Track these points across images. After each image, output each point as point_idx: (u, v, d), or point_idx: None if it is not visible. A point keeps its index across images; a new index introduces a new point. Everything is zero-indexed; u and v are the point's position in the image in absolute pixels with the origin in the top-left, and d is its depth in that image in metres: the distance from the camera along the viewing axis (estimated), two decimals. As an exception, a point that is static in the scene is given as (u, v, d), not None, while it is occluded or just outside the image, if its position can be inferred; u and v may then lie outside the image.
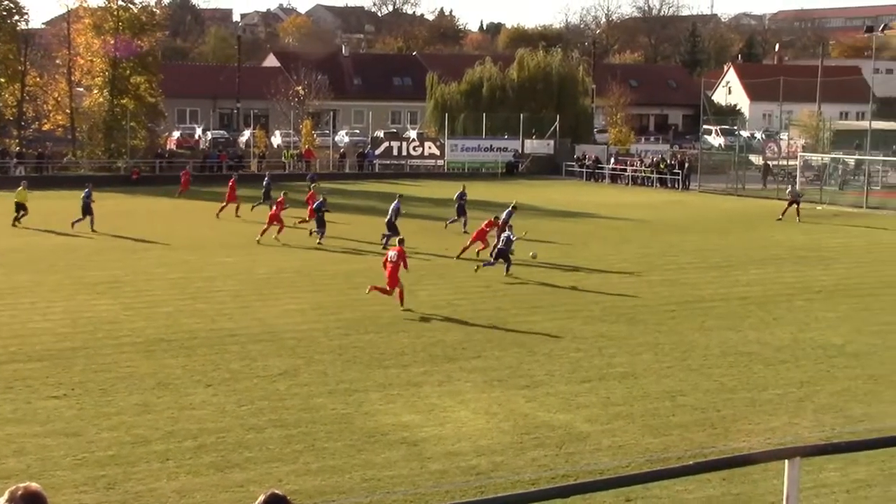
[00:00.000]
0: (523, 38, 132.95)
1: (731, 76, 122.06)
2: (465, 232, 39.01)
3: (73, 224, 39.38)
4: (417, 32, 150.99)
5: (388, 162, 74.71)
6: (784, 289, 28.77)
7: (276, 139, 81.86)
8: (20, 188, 41.75)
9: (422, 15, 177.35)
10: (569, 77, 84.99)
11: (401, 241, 27.23)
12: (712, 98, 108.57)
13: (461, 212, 40.99)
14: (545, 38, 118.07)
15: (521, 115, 76.86)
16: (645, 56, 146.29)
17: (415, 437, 15.60)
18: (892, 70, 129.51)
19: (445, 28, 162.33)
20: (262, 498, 6.23)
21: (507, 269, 30.11)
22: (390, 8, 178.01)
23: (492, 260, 30.78)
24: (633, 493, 12.86)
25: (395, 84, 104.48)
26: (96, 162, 68.99)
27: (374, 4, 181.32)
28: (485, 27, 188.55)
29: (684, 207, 52.13)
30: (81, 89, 72.90)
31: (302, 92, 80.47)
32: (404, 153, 75.95)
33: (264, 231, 37.47)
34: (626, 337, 22.55)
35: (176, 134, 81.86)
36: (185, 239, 38.09)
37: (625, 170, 70.77)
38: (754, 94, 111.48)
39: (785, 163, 70.37)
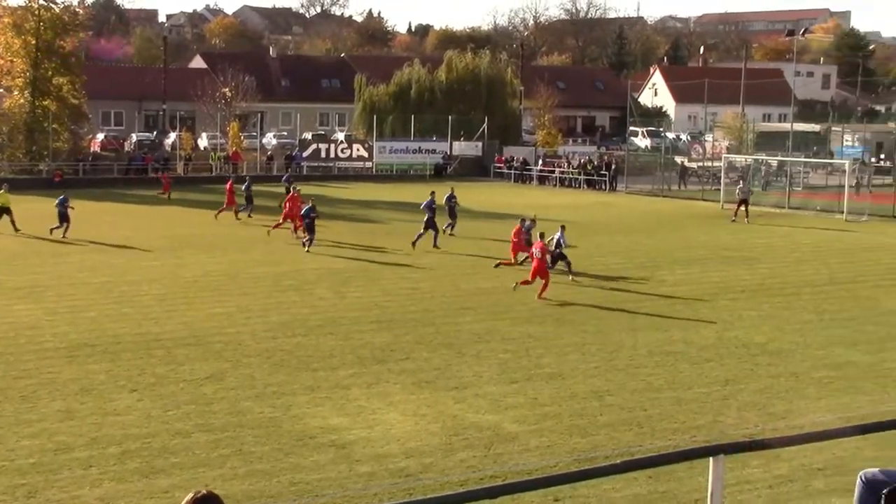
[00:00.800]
0: (452, 40, 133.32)
1: (657, 78, 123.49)
2: (452, 234, 39.30)
3: (51, 230, 38.59)
4: (346, 34, 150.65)
5: (316, 164, 74.33)
6: (709, 288, 29.13)
7: (203, 141, 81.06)
8: (1, 191, 40.71)
9: (350, 17, 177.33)
10: (497, 79, 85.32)
11: (541, 235, 28.40)
12: (639, 100, 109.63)
13: (452, 214, 40.99)
14: (473, 40, 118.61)
15: (450, 117, 76.99)
16: (572, 58, 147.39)
17: (343, 440, 15.54)
18: (812, 73, 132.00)
19: (374, 30, 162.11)
20: (190, 496, 6.11)
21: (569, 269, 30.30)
22: (318, 9, 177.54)
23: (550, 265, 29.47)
24: (560, 492, 12.93)
25: (323, 86, 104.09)
26: (17, 164, 67.73)
27: (302, 6, 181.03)
28: (413, 29, 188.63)
29: (611, 209, 52.59)
30: (1, 90, 71.50)
31: (229, 93, 79.77)
32: (332, 155, 75.66)
33: (278, 225, 39.36)
34: (554, 338, 22.68)
35: (100, 136, 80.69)
36: (109, 242, 37.55)
37: (552, 171, 71.19)
38: (680, 95, 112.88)
39: (710, 164, 71.25)
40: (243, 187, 46.44)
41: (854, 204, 49.37)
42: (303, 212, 36.63)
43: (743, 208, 46.44)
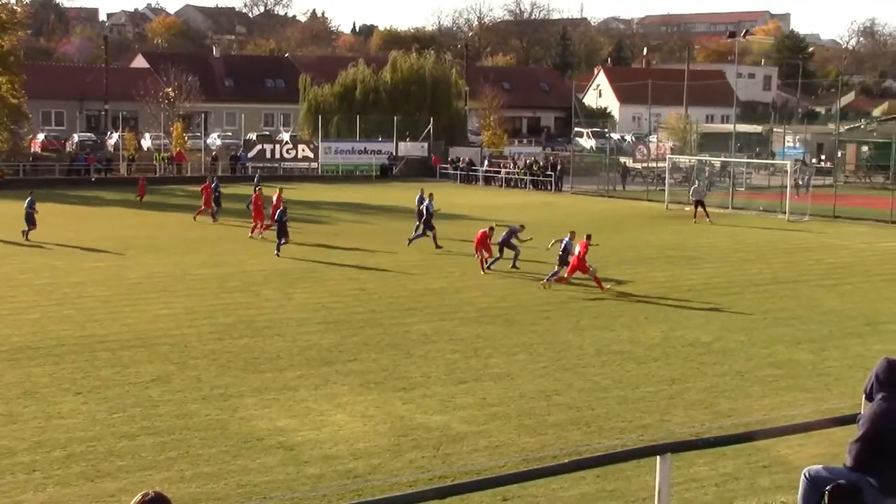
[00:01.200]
0: (396, 40, 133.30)
1: (601, 79, 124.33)
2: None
3: (24, 234, 38.13)
4: (290, 34, 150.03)
5: (261, 165, 73.92)
6: (655, 288, 29.35)
7: (146, 142, 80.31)
8: None
9: (294, 16, 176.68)
10: (442, 79, 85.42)
11: (588, 237, 29.14)
12: (583, 101, 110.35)
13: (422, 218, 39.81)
14: (418, 41, 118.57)
15: (395, 118, 76.94)
16: (517, 59, 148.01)
17: (291, 442, 15.46)
18: (754, 75, 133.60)
19: (318, 30, 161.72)
20: (138, 498, 6.05)
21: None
22: (262, 9, 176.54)
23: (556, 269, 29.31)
24: (509, 492, 12.95)
25: (267, 86, 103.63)
26: (-45, 165, 66.73)
27: (246, 5, 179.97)
28: (357, 29, 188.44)
29: (557, 209, 52.81)
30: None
31: (172, 93, 79.15)
32: (277, 156, 75.34)
33: (254, 228, 39.06)
34: (502, 338, 22.73)
35: (41, 136, 79.66)
36: (51, 243, 37.10)
37: (498, 172, 71.38)
38: (624, 96, 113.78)
39: (654, 165, 71.87)
40: (213, 187, 46.41)
41: (796, 204, 49.99)
42: (277, 214, 35.63)
43: (701, 209, 46.75)
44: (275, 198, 39.22)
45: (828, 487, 8.34)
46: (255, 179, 55.82)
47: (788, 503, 11.18)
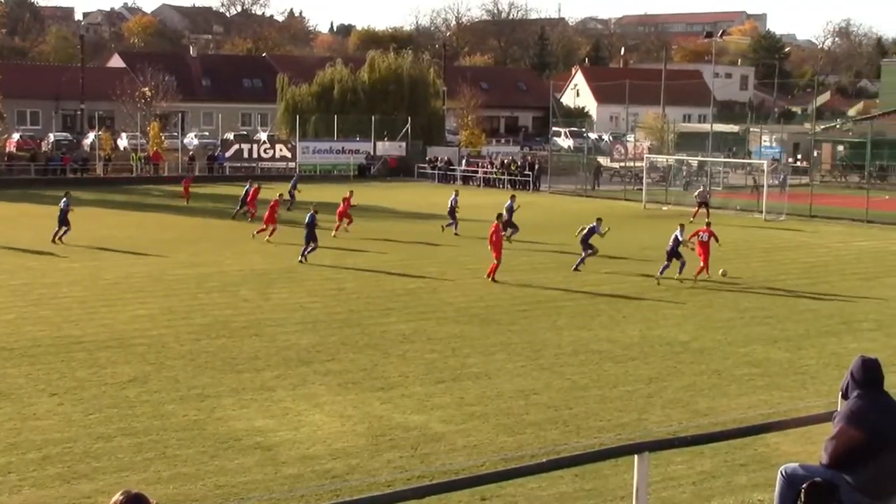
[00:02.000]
0: (374, 40, 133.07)
1: (578, 79, 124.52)
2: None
3: (53, 238, 37.21)
4: (267, 34, 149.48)
5: (238, 164, 73.70)
6: (632, 287, 29.43)
7: (123, 141, 79.91)
8: None
9: (271, 16, 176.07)
10: (420, 79, 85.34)
11: (708, 224, 30.46)
12: (561, 100, 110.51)
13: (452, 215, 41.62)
14: (396, 41, 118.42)
15: (373, 117, 76.84)
16: (495, 59, 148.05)
17: (269, 442, 15.42)
18: (730, 75, 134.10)
19: (295, 29, 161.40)
20: (120, 497, 6.03)
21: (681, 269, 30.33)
22: (239, 8, 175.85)
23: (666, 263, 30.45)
24: (487, 491, 12.96)
25: (244, 86, 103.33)
26: (-72, 165, 66.23)
27: (223, 5, 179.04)
28: (335, 29, 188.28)
29: (535, 208, 52.81)
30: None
31: (149, 93, 78.80)
32: (255, 156, 75.11)
33: (261, 231, 38.60)
34: (480, 337, 22.74)
35: (16, 136, 79.14)
36: (27, 244, 36.86)
37: (476, 171, 71.39)
38: (601, 96, 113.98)
39: (632, 164, 72.04)
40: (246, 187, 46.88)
41: (772, 203, 50.21)
42: (307, 219, 34.08)
43: (704, 209, 46.37)
44: (342, 201, 40.73)
45: (804, 485, 8.38)
46: (294, 183, 54.40)
47: (765, 501, 11.22)
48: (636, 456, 8.21)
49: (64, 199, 38.10)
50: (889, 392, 8.69)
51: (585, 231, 32.18)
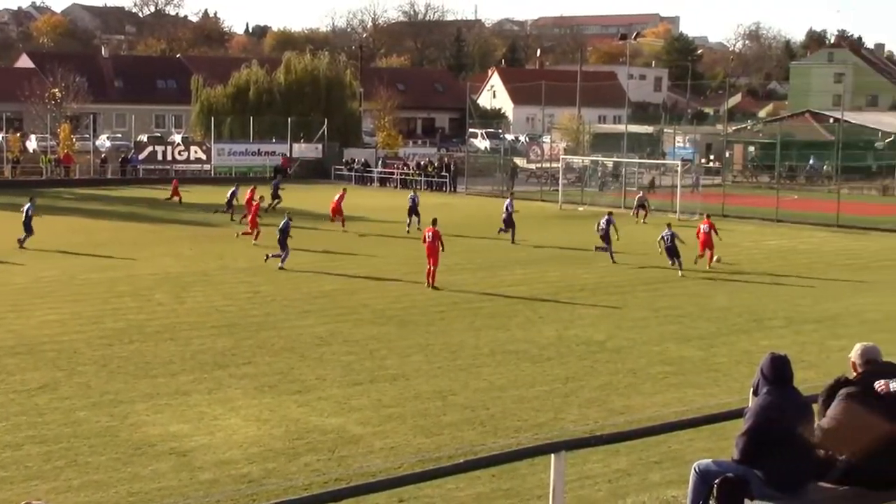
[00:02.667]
0: (290, 41, 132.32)
1: (495, 80, 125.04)
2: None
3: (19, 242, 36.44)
4: (181, 34, 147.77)
5: (152, 167, 72.67)
6: (548, 288, 29.61)
7: (32, 144, 78.24)
8: None
9: (185, 16, 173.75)
10: (336, 81, 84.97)
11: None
12: (477, 102, 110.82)
13: (413, 212, 42.78)
14: (312, 42, 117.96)
15: (289, 119, 76.35)
16: (411, 60, 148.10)
17: (184, 447, 15.22)
18: (644, 76, 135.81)
19: (210, 30, 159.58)
20: None
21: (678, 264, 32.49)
22: (152, 9, 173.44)
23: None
24: (405, 493, 12.92)
25: (158, 87, 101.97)
26: None
27: (136, 5, 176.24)
28: (251, 30, 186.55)
29: (452, 209, 52.91)
30: None
31: (59, 94, 77.37)
32: (169, 158, 74.16)
33: (246, 233, 38.22)
34: (397, 339, 22.70)
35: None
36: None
37: (392, 173, 71.34)
38: (517, 97, 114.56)
39: (548, 165, 72.52)
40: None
41: (686, 203, 50.89)
42: (280, 226, 33.14)
43: (643, 210, 47.99)
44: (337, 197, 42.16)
45: (716, 481, 8.49)
46: (276, 184, 53.24)
47: (679, 497, 11.35)
48: (553, 455, 8.25)
49: (28, 204, 37.50)
50: (798, 388, 8.84)
51: (604, 226, 35.17)
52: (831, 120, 79.82)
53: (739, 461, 8.60)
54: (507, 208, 40.51)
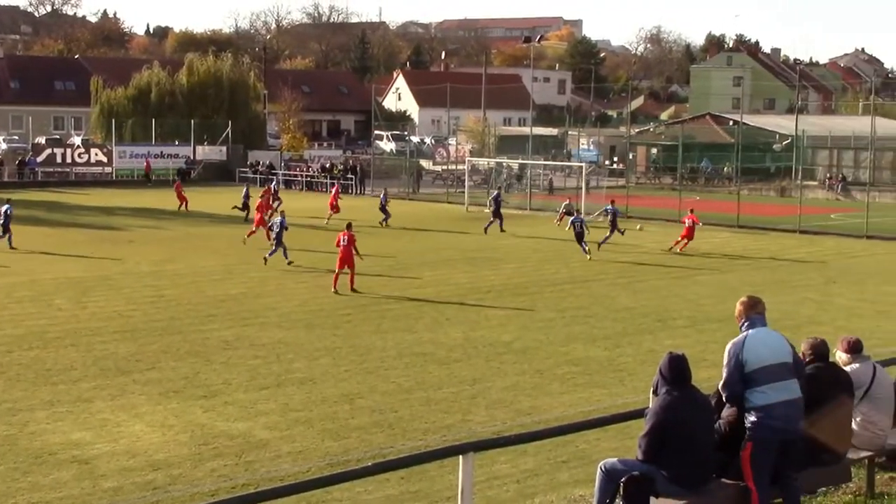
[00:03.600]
0: (192, 42, 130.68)
1: (400, 82, 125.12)
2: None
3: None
4: (80, 35, 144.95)
5: (51, 170, 71.29)
6: (456, 289, 29.70)
7: (-79, 147, 76.36)
8: None
9: (84, 17, 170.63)
10: (240, 83, 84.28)
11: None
12: (383, 104, 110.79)
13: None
14: (215, 43, 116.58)
15: (192, 121, 75.51)
16: (316, 62, 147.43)
17: (86, 455, 14.94)
18: (549, 79, 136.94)
19: (109, 31, 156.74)
20: None
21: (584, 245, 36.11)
22: (49, 8, 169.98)
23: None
24: (313, 497, 12.84)
25: (56, 88, 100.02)
26: None
27: (31, 4, 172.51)
28: (151, 31, 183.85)
29: (359, 212, 52.73)
30: None
31: (-48, 95, 75.50)
32: (69, 160, 72.82)
33: (252, 233, 37.96)
34: (304, 342, 22.57)
35: None
36: None
37: (297, 176, 70.98)
38: (423, 100, 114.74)
39: (454, 167, 72.76)
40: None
41: (591, 205, 51.40)
42: (277, 224, 33.53)
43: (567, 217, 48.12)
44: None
45: (622, 479, 8.62)
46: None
47: (586, 496, 11.46)
48: (461, 456, 8.28)
49: (7, 205, 37.36)
50: (702, 387, 9.00)
51: (609, 216, 39.26)
52: (731, 122, 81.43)
53: (643, 460, 8.76)
54: (494, 200, 44.69)
